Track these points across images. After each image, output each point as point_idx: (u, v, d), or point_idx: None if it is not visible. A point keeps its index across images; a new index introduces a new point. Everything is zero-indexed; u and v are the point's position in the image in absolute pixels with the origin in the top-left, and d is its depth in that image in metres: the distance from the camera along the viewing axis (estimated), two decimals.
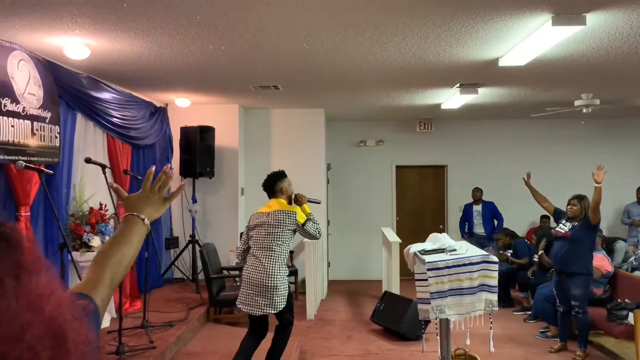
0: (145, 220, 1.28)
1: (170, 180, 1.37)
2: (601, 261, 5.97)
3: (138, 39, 4.15)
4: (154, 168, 1.38)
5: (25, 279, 0.65)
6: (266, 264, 4.11)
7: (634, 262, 6.61)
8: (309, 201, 4.51)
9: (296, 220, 4.19)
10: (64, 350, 0.66)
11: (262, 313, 4.13)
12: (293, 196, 4.41)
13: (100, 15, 3.58)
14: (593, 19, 3.69)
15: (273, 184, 4.40)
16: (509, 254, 7.55)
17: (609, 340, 5.77)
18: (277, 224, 4.17)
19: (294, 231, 4.25)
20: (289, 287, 4.23)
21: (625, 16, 3.69)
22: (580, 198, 5.34)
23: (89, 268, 1.16)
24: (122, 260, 1.18)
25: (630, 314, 5.10)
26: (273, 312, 4.12)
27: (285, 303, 4.12)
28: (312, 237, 4.33)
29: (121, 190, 1.39)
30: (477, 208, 8.77)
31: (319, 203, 5.03)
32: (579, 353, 5.33)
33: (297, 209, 4.30)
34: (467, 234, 8.71)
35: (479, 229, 8.68)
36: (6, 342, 0.60)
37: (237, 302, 4.29)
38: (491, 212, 8.66)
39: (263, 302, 4.09)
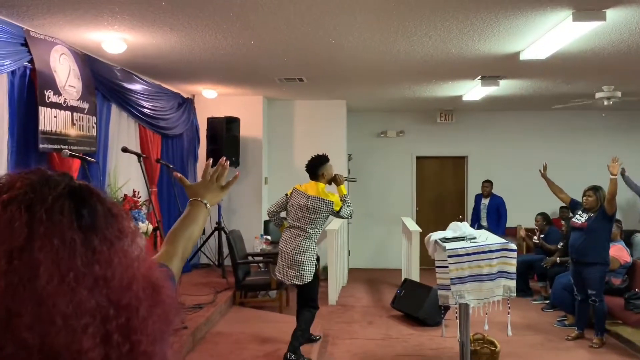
0: (208, 204, 1.48)
1: (226, 171, 1.57)
2: (619, 251, 6.06)
3: (172, 34, 4.36)
4: (217, 160, 1.57)
5: (126, 243, 0.83)
6: (299, 242, 4.51)
7: None
8: (347, 179, 4.84)
9: (333, 208, 4.49)
10: (160, 301, 0.84)
11: (290, 282, 4.59)
12: (333, 176, 4.70)
13: (139, 13, 3.79)
14: (613, 14, 3.78)
15: (316, 168, 4.69)
16: (542, 237, 7.59)
17: (625, 329, 5.88)
18: (314, 209, 4.50)
19: (328, 216, 4.52)
20: (316, 265, 4.56)
21: None
22: (595, 189, 5.44)
23: (163, 245, 1.36)
24: (191, 236, 1.39)
25: None
26: (299, 283, 4.53)
27: (311, 278, 4.50)
28: (345, 218, 4.66)
29: (185, 179, 1.60)
30: (485, 202, 8.78)
31: (355, 181, 5.63)
32: (595, 341, 5.45)
33: (335, 197, 4.61)
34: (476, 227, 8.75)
35: (484, 222, 8.74)
36: (119, 290, 0.77)
37: (275, 270, 4.80)
38: (496, 207, 8.62)
39: (292, 274, 4.52)
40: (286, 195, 4.77)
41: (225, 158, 1.60)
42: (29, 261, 0.69)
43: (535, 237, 7.73)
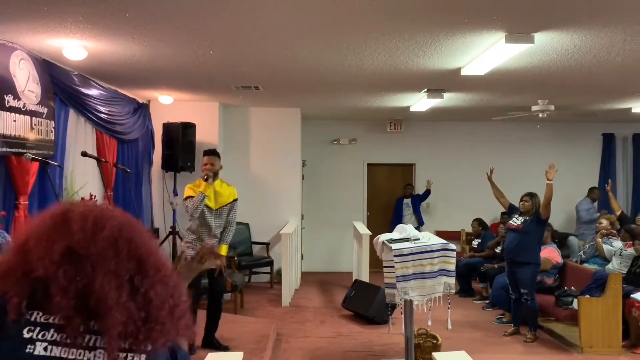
0: None
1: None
2: (552, 253, 6.57)
3: (134, 43, 4.51)
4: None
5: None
6: None
7: (582, 255, 7.23)
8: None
9: None
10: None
11: None
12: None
13: (103, 23, 3.93)
14: (541, 38, 4.21)
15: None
16: (475, 244, 8.11)
17: (557, 325, 6.37)
18: None
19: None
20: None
21: (568, 36, 4.22)
22: (531, 195, 5.91)
23: None
24: None
25: (575, 300, 5.69)
26: None
27: None
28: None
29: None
30: (407, 201, 9.79)
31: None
32: (529, 336, 5.90)
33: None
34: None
35: (408, 221, 9.44)
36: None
37: None
38: (419, 204, 9.74)
39: None
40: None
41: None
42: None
43: (474, 242, 8.24)
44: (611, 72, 5.50)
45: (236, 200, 4.98)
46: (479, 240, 8.20)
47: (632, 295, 5.64)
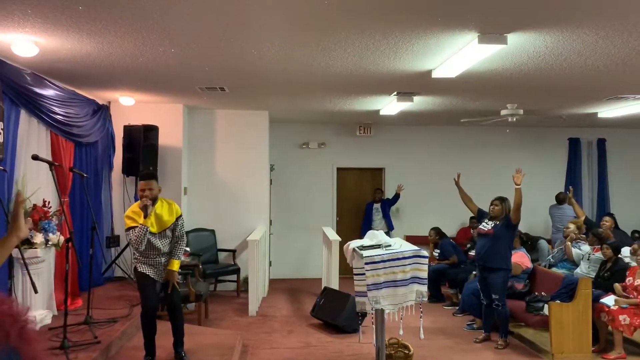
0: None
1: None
2: (522, 258, 6.53)
3: (89, 39, 4.24)
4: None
5: None
6: None
7: (551, 260, 7.23)
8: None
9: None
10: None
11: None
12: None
13: (54, 16, 3.66)
14: (514, 39, 4.12)
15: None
16: (436, 254, 8.08)
17: (527, 330, 6.33)
18: None
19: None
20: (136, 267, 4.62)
21: (541, 37, 4.15)
22: (501, 200, 5.85)
23: None
24: None
25: (546, 306, 5.64)
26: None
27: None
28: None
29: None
30: (377, 206, 9.73)
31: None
32: (500, 342, 5.82)
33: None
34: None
35: (378, 225, 9.43)
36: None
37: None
38: (388, 209, 9.70)
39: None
40: None
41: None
42: None
43: (434, 255, 8.18)
44: (581, 76, 5.48)
45: (180, 216, 4.73)
46: (439, 251, 8.17)
47: (601, 300, 5.63)
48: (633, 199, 10.33)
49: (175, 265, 4.60)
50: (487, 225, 5.81)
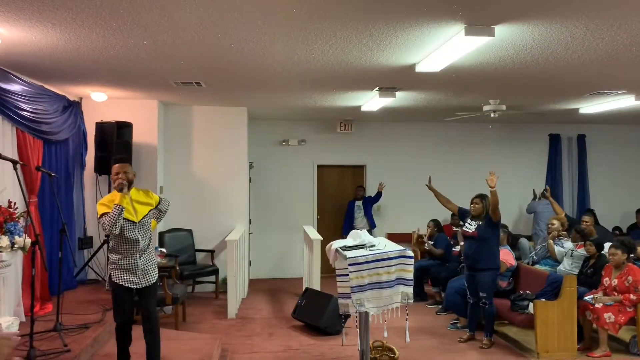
0: None
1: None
2: (506, 255, 6.43)
3: (55, 30, 3.99)
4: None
5: None
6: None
7: (534, 257, 7.16)
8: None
9: None
10: None
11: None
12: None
13: (15, 4, 3.41)
14: (501, 30, 3.99)
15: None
16: (431, 243, 7.93)
17: (511, 329, 6.25)
18: None
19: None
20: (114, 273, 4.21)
21: (529, 29, 4.03)
22: (482, 197, 5.75)
23: None
24: None
25: (531, 304, 5.55)
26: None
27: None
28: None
29: None
30: (358, 203, 9.57)
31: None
32: (485, 342, 5.72)
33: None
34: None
35: (360, 223, 9.34)
36: None
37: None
38: (370, 207, 9.54)
39: None
40: None
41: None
42: None
43: (426, 244, 8.07)
44: (566, 70, 5.39)
45: (161, 200, 4.41)
46: (432, 242, 8.04)
47: (585, 298, 5.57)
48: (612, 195, 10.37)
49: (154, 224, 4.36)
50: (470, 227, 5.71)
